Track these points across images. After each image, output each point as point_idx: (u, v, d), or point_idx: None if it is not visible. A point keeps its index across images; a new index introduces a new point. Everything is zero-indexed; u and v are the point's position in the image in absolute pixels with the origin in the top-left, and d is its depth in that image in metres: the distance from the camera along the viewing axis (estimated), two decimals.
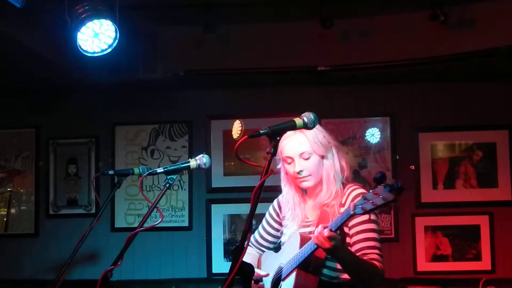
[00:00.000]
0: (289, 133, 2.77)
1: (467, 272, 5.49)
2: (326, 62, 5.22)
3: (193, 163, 2.97)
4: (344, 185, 2.99)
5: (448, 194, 5.62)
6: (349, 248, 2.85)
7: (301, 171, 2.93)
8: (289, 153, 2.95)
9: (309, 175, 2.94)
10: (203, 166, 3.02)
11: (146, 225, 3.04)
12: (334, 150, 2.99)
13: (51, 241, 5.81)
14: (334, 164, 2.97)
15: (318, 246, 2.66)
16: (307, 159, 2.93)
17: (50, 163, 5.92)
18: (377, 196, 2.43)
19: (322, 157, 2.95)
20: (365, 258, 2.81)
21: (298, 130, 2.74)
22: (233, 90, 5.73)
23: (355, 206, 2.51)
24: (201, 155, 3.01)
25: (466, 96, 5.69)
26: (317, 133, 2.94)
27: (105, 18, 4.13)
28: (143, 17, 4.96)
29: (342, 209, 2.85)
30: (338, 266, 2.83)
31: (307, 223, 3.00)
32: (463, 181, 5.63)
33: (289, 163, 2.97)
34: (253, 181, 2.56)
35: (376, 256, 2.85)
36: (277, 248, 3.24)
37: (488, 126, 5.64)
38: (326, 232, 2.62)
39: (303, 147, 2.93)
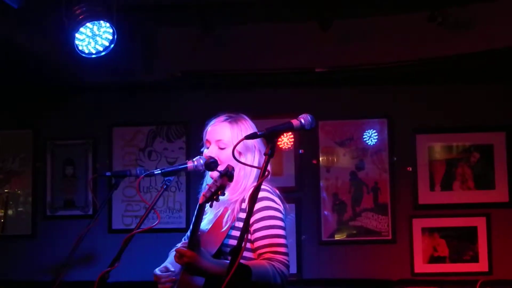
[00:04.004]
0: (218, 119, 2.92)
1: (464, 273, 5.49)
2: (324, 63, 5.22)
3: (190, 165, 2.96)
4: None
5: (445, 196, 5.63)
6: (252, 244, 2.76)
7: (211, 157, 2.92)
8: (208, 136, 2.96)
9: (220, 164, 2.90)
10: (200, 168, 3.01)
11: (143, 226, 3.03)
12: (256, 154, 2.92)
13: (48, 242, 5.80)
14: (252, 164, 2.86)
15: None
16: (223, 149, 2.91)
17: (47, 164, 5.90)
18: (215, 182, 2.51)
19: (240, 153, 2.88)
20: (260, 258, 2.70)
21: (228, 120, 2.89)
22: (231, 91, 5.73)
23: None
24: (198, 157, 3.00)
25: (464, 97, 5.70)
26: (246, 131, 2.88)
27: (103, 19, 4.13)
28: (141, 18, 4.96)
29: (244, 204, 2.82)
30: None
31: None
32: (460, 182, 5.64)
33: (207, 147, 2.96)
34: None
35: (270, 255, 2.69)
36: None
37: (485, 128, 5.65)
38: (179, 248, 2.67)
39: (222, 136, 2.91)
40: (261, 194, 2.75)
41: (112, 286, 3.05)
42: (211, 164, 2.79)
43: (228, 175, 2.54)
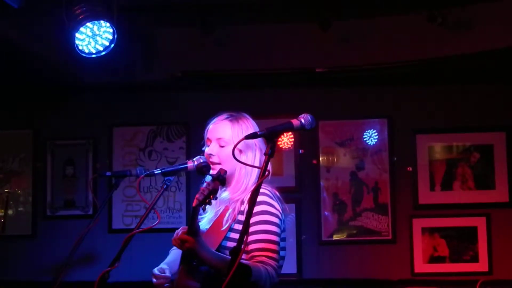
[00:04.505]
0: (219, 117, 2.93)
1: (464, 273, 5.49)
2: (324, 63, 5.22)
3: (190, 164, 2.96)
4: None
5: (446, 196, 5.63)
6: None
7: (211, 155, 2.91)
8: (209, 134, 2.96)
9: (219, 163, 2.90)
10: None
11: (143, 226, 3.03)
12: (257, 151, 2.92)
13: (48, 242, 5.80)
14: (252, 162, 2.88)
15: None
16: (223, 146, 2.91)
17: (47, 164, 5.90)
18: (207, 186, 2.55)
19: (240, 151, 2.89)
20: (253, 260, 2.71)
21: (229, 118, 2.91)
22: (231, 91, 5.73)
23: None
24: (199, 156, 3.00)
25: (464, 98, 5.70)
26: (247, 129, 2.90)
27: (103, 19, 4.13)
28: (141, 18, 4.96)
29: (242, 207, 2.83)
30: None
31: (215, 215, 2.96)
32: (461, 182, 5.64)
33: (208, 146, 2.97)
34: None
35: (263, 259, 2.71)
36: None
37: (485, 128, 5.65)
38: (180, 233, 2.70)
39: (222, 134, 2.91)
40: (260, 198, 2.75)
41: (112, 286, 3.05)
42: (203, 168, 2.79)
43: (220, 179, 2.56)
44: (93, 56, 4.24)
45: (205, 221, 2.96)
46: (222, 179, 2.57)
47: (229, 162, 2.87)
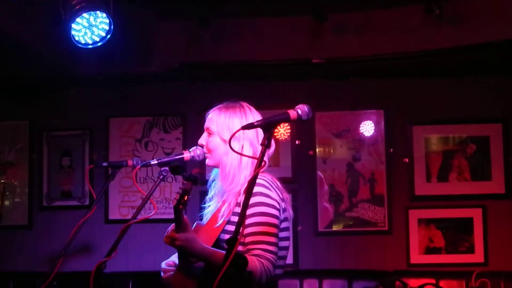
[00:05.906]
0: (215, 107, 2.94)
1: (460, 264, 5.51)
2: (321, 55, 5.22)
3: (187, 155, 2.95)
4: None
5: (442, 187, 5.64)
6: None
7: (202, 144, 2.93)
8: (205, 124, 2.96)
9: (208, 152, 2.91)
10: (197, 158, 3.00)
11: (140, 217, 3.03)
12: (245, 142, 2.87)
13: (44, 233, 5.81)
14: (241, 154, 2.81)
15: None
16: (210, 135, 2.91)
17: (43, 155, 5.90)
18: (181, 187, 2.55)
19: (225, 141, 2.83)
20: (249, 253, 2.66)
21: (219, 108, 2.92)
22: (228, 83, 5.73)
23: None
24: (195, 147, 3.00)
25: (460, 89, 5.70)
26: (234, 123, 2.87)
27: (99, 10, 4.12)
28: (138, 9, 4.95)
29: (239, 198, 2.80)
30: None
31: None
32: (457, 174, 5.65)
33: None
34: None
35: (259, 252, 2.67)
36: None
37: (481, 120, 5.66)
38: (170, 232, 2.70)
39: (210, 123, 2.92)
40: (256, 189, 2.71)
41: (109, 276, 3.05)
42: (177, 168, 2.77)
43: (191, 179, 2.55)
44: (90, 47, 4.23)
45: (207, 210, 2.96)
46: (194, 179, 2.56)
47: (215, 151, 2.88)
